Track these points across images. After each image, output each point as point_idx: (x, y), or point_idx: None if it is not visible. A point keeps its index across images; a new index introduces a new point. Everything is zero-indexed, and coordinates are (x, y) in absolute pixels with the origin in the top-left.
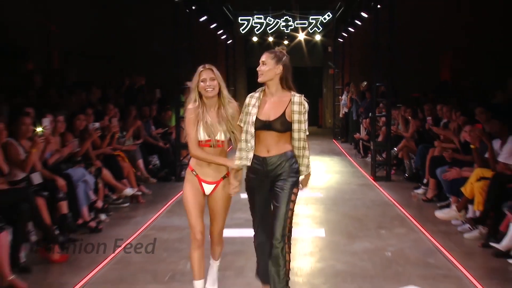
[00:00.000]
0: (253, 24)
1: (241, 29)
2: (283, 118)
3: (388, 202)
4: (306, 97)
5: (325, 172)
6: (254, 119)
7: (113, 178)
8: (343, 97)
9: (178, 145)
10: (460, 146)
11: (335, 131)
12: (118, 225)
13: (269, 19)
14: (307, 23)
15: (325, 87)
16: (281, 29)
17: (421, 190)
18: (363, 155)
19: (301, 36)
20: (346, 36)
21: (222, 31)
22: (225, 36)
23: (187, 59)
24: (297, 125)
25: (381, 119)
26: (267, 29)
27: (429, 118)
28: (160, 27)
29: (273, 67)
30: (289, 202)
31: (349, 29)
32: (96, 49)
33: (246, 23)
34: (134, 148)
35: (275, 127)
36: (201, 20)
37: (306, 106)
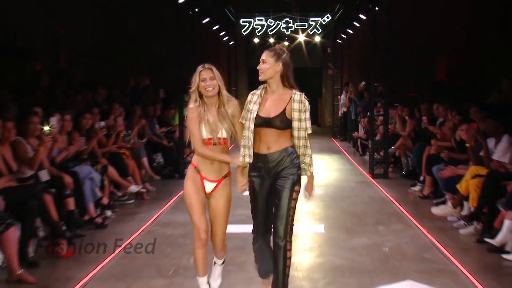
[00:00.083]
0: (255, 26)
1: (242, 31)
2: (283, 115)
3: (385, 199)
4: (306, 97)
5: (325, 169)
6: (254, 115)
7: (118, 175)
8: (342, 96)
9: (181, 143)
10: (455, 144)
11: (334, 130)
12: (123, 221)
13: (270, 21)
14: (307, 24)
15: (325, 87)
16: (282, 30)
17: (418, 187)
18: (361, 153)
19: (301, 37)
20: (345, 37)
21: (224, 33)
22: (227, 37)
23: (190, 60)
24: (297, 123)
25: (379, 118)
26: (268, 30)
27: (424, 117)
28: (163, 29)
29: (273, 65)
30: (291, 200)
31: (348, 31)
32: (101, 50)
33: (247, 25)
34: (139, 145)
35: (275, 124)
36: (204, 22)
37: (306, 104)
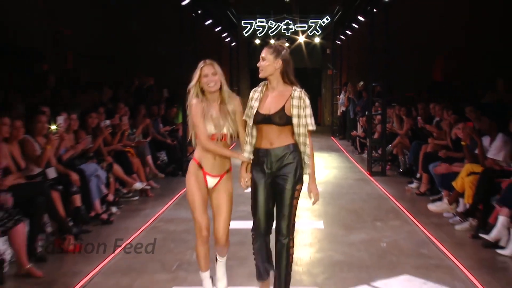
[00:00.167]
0: (256, 27)
1: (244, 32)
2: (282, 112)
3: (383, 195)
4: (306, 93)
5: (324, 167)
6: (254, 112)
7: (123, 173)
8: (341, 96)
9: (184, 142)
10: (451, 143)
11: (333, 128)
12: (128, 217)
13: (271, 22)
14: (306, 26)
15: (324, 87)
16: (282, 32)
17: (415, 184)
18: (359, 151)
19: (301, 38)
20: (344, 38)
21: (226, 34)
22: (229, 39)
23: (191, 60)
24: (296, 120)
25: (377, 117)
26: (269, 32)
27: (419, 118)
28: (167, 31)
29: (272, 62)
30: (293, 199)
31: (347, 32)
32: (101, 50)
33: (249, 26)
34: (144, 143)
35: (275, 120)
36: (207, 23)
37: (306, 101)
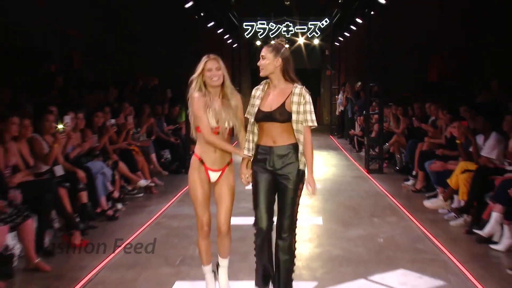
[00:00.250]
0: (257, 29)
1: (245, 34)
2: (282, 108)
3: (380, 192)
4: (307, 90)
5: (323, 165)
6: (256, 110)
7: (128, 170)
8: (339, 96)
9: (188, 140)
10: (446, 141)
11: (332, 127)
12: (133, 214)
13: (272, 24)
14: (306, 28)
15: (323, 87)
16: (283, 33)
17: (411, 181)
18: (357, 149)
19: (301, 40)
20: (342, 40)
21: (228, 36)
22: (231, 40)
23: (192, 61)
24: (295, 116)
25: (374, 117)
26: (270, 33)
27: (414, 118)
28: (167, 31)
29: (272, 61)
30: (295, 198)
31: (345, 34)
32: (101, 50)
33: (250, 28)
34: (147, 144)
35: (275, 117)
36: (209, 25)
37: (306, 97)
